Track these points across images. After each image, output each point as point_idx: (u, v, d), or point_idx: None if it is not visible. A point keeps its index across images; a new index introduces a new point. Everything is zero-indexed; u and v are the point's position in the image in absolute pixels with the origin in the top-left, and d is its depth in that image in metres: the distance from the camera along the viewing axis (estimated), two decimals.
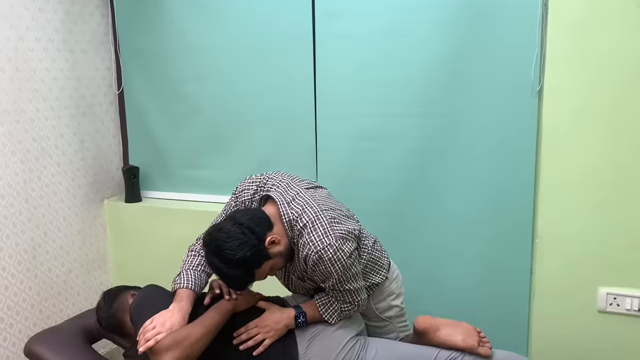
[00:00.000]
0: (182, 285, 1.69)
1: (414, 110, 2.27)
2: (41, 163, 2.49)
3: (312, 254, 1.54)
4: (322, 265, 1.54)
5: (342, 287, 1.61)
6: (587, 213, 2.06)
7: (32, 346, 1.93)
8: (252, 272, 1.54)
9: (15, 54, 2.34)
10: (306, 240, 1.55)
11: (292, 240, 1.60)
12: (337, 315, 1.67)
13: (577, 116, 2.03)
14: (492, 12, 2.11)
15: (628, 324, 2.07)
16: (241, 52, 2.56)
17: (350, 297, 1.65)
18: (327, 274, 1.56)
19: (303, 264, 1.60)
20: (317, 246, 1.53)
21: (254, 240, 1.51)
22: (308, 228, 1.55)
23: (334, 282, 1.58)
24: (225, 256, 1.50)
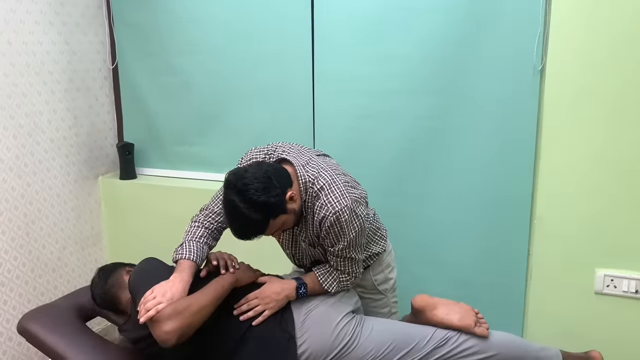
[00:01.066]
0: (184, 256, 1.68)
1: (414, 87, 2.24)
2: (34, 139, 2.45)
3: (329, 215, 1.55)
4: (338, 227, 1.56)
5: (348, 254, 1.63)
6: (585, 195, 2.05)
7: (25, 323, 1.91)
8: (268, 220, 1.52)
9: (6, 26, 2.29)
10: (323, 202, 1.56)
11: (305, 203, 1.61)
12: (336, 284, 1.68)
13: (578, 97, 2.00)
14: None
15: (624, 306, 2.07)
16: (237, 26, 2.51)
17: (350, 267, 1.67)
18: (341, 236, 1.57)
19: (317, 227, 1.60)
20: (334, 207, 1.55)
21: (277, 190, 1.51)
22: (325, 190, 1.57)
23: (344, 246, 1.59)
24: (248, 196, 1.47)
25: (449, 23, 2.15)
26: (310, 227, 1.64)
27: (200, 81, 2.63)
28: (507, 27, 2.08)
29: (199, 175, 2.76)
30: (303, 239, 1.73)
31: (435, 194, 2.30)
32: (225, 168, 2.64)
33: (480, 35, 2.12)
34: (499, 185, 2.20)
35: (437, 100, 2.23)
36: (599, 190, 2.03)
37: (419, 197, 2.33)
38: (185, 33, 2.61)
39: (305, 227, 1.67)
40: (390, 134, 2.31)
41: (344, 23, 2.29)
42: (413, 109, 2.26)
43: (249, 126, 2.59)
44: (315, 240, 1.68)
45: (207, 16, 2.55)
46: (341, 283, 1.70)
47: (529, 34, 2.04)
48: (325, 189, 1.57)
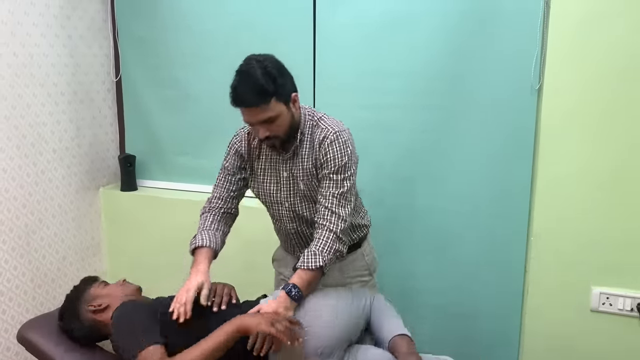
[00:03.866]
0: (197, 244, 1.78)
1: (412, 104, 2.27)
2: (37, 149, 2.48)
3: (330, 134, 1.70)
4: (337, 145, 1.69)
5: (344, 179, 1.69)
6: (582, 212, 2.07)
7: (25, 332, 1.92)
8: (272, 95, 1.59)
9: (12, 38, 2.32)
10: (324, 126, 1.73)
11: (303, 130, 1.74)
12: (325, 254, 1.64)
13: (575, 115, 2.03)
14: (494, 9, 2.10)
15: (620, 324, 2.08)
16: (241, 40, 2.54)
17: (343, 207, 1.67)
18: (341, 154, 1.69)
19: (317, 149, 1.71)
20: (334, 128, 1.72)
21: (289, 80, 1.67)
22: (325, 118, 1.76)
23: (343, 165, 1.68)
24: (266, 65, 1.61)
25: (448, 40, 2.19)
26: (306, 153, 1.73)
27: (202, 94, 2.66)
28: (505, 47, 2.11)
29: (199, 188, 2.78)
30: (301, 178, 1.75)
31: (432, 210, 2.32)
32: None
33: (479, 55, 2.15)
34: (496, 201, 2.22)
35: (436, 117, 2.25)
36: (595, 208, 2.05)
37: (415, 212, 2.35)
38: (188, 46, 2.65)
39: (299, 156, 1.74)
40: (387, 148, 2.33)
41: (345, 38, 2.32)
42: (411, 123, 2.29)
43: None
44: (308, 171, 1.73)
45: (209, 30, 2.59)
46: (327, 247, 1.64)
47: (527, 54, 2.07)
48: (325, 118, 1.76)
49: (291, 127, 1.69)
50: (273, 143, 1.72)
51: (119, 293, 1.82)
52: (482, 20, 2.13)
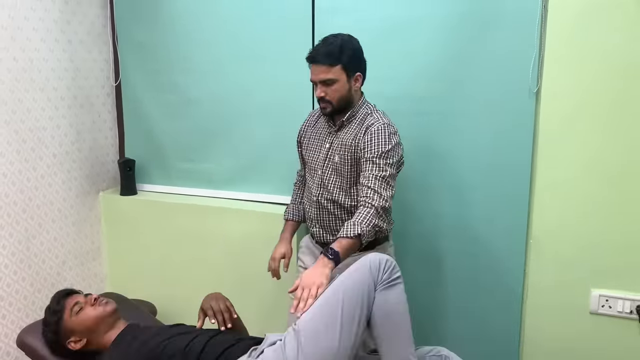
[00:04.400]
0: (284, 217, 2.22)
1: (411, 109, 2.28)
2: (37, 154, 2.48)
3: (378, 122, 1.88)
4: (384, 133, 1.85)
5: (386, 163, 1.82)
6: (581, 215, 2.08)
7: (24, 337, 1.93)
8: (342, 60, 1.85)
9: (12, 43, 2.33)
10: (377, 116, 1.92)
11: (356, 111, 1.95)
12: (363, 226, 1.73)
13: (573, 118, 2.04)
14: (492, 13, 2.11)
15: (619, 326, 2.08)
16: (240, 45, 2.55)
17: (383, 188, 1.79)
18: (385, 140, 1.84)
19: (363, 131, 1.88)
20: (385, 120, 1.90)
21: (363, 62, 1.93)
22: (381, 113, 1.95)
23: (386, 151, 1.82)
24: (347, 39, 1.88)
25: (446, 45, 2.20)
26: (352, 131, 1.92)
27: (201, 99, 2.67)
28: (503, 50, 2.12)
29: (199, 192, 2.79)
30: (331, 146, 1.97)
31: (432, 214, 2.33)
32: (225, 185, 2.71)
33: (477, 59, 2.16)
34: (495, 205, 2.23)
35: (434, 121, 2.26)
36: (594, 211, 2.06)
37: (414, 216, 2.35)
38: (187, 51, 2.66)
39: (343, 131, 1.95)
40: None
41: None
42: (409, 130, 2.28)
43: (250, 144, 2.62)
44: (347, 146, 1.91)
45: (209, 35, 2.60)
46: (364, 222, 1.73)
47: (525, 57, 2.08)
48: (380, 113, 1.95)
49: (345, 99, 1.91)
50: (326, 107, 1.92)
51: (93, 325, 1.78)
52: (479, 24, 2.14)
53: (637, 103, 1.95)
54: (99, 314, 1.79)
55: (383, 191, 1.80)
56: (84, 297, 1.85)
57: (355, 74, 1.90)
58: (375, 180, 1.80)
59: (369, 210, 1.77)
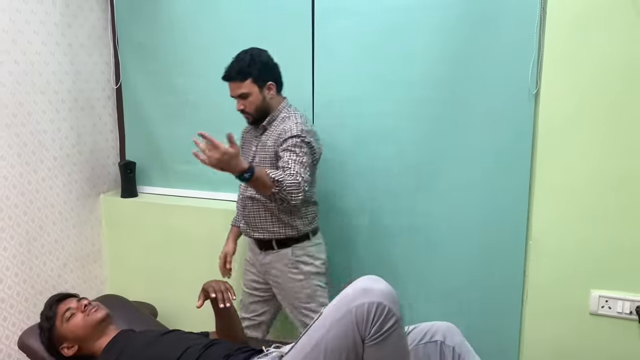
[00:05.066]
0: (231, 223, 2.42)
1: (410, 112, 2.29)
2: (38, 157, 2.49)
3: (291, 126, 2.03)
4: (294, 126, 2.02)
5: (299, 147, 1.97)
6: (581, 216, 2.08)
7: (26, 339, 1.94)
8: (249, 75, 2.04)
9: (13, 46, 2.34)
10: (292, 120, 2.07)
11: (276, 114, 2.12)
12: (282, 177, 1.85)
13: (572, 120, 2.04)
14: (491, 15, 2.12)
15: (619, 327, 2.09)
16: (240, 48, 2.54)
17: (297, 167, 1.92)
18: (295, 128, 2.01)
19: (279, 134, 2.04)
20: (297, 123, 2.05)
21: (273, 71, 2.11)
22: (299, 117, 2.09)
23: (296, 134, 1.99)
24: (255, 53, 2.08)
25: (444, 48, 2.20)
26: (271, 134, 2.09)
27: (202, 101, 2.68)
28: (503, 52, 2.13)
29: (199, 194, 2.79)
30: (256, 148, 2.15)
31: (431, 214, 2.33)
32: (225, 187, 2.71)
33: (476, 61, 2.17)
34: (495, 206, 2.23)
35: (433, 122, 2.27)
36: (593, 211, 2.06)
37: (414, 217, 2.36)
38: (187, 54, 2.67)
39: (265, 135, 2.12)
40: (386, 155, 2.35)
41: (343, 48, 2.34)
42: (408, 131, 2.30)
43: None
44: (267, 149, 2.08)
45: (209, 37, 2.61)
46: (287, 180, 1.85)
47: (524, 59, 2.09)
48: (297, 116, 2.10)
49: (262, 108, 2.10)
50: (247, 117, 2.15)
51: (83, 332, 1.78)
52: (479, 25, 2.14)
53: (636, 104, 1.95)
54: (89, 322, 1.79)
55: (300, 169, 1.92)
56: (76, 302, 1.84)
57: (267, 84, 2.08)
58: (294, 164, 1.94)
59: (293, 179, 1.87)
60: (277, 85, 2.13)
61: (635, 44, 1.92)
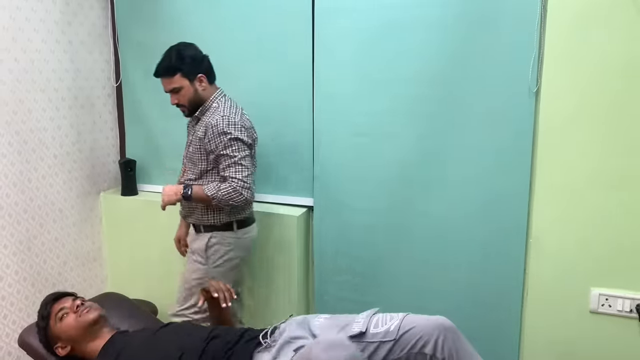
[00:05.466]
0: None
1: (409, 109, 2.28)
2: (38, 154, 2.49)
3: (216, 117, 2.12)
4: (221, 127, 2.09)
5: (233, 152, 2.08)
6: (581, 214, 2.08)
7: (26, 337, 1.93)
8: (178, 70, 2.14)
9: (13, 44, 2.34)
10: (219, 111, 2.15)
11: (208, 104, 2.21)
12: (215, 191, 2.09)
13: (573, 118, 2.04)
14: (491, 12, 2.12)
15: (619, 325, 2.09)
16: (240, 46, 2.56)
17: (235, 172, 2.08)
18: (223, 132, 2.08)
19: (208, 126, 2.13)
20: (222, 114, 2.13)
21: (201, 63, 2.19)
22: (226, 105, 2.19)
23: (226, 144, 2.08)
24: (181, 48, 2.18)
25: (444, 45, 2.20)
26: (203, 125, 2.16)
27: None
28: (503, 49, 2.12)
29: None
30: (191, 138, 2.25)
31: (431, 212, 2.33)
32: None
33: (477, 59, 2.16)
34: (495, 204, 2.23)
35: (434, 121, 2.26)
36: (593, 210, 2.06)
37: (414, 215, 2.36)
38: None
39: (198, 125, 2.20)
40: (387, 152, 2.34)
41: (343, 46, 2.34)
42: (408, 128, 2.29)
43: None
44: (197, 139, 2.17)
45: (209, 36, 2.60)
46: (220, 191, 2.08)
47: (525, 56, 2.08)
48: (227, 105, 2.18)
49: (195, 100, 2.19)
50: (183, 110, 2.24)
51: (75, 332, 1.78)
52: (479, 23, 2.14)
53: (637, 102, 1.95)
54: (80, 323, 1.77)
55: (238, 174, 2.08)
56: (71, 302, 1.83)
57: (197, 76, 2.16)
58: (229, 168, 2.09)
59: (228, 187, 2.08)
60: (209, 77, 2.21)
61: (635, 42, 1.92)
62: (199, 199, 2.15)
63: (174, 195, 2.18)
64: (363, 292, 2.47)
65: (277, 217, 2.53)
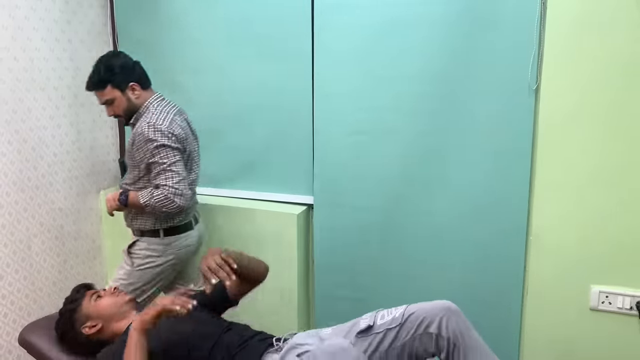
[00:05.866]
0: None
1: (410, 107, 2.28)
2: (38, 153, 2.49)
3: (141, 126, 2.10)
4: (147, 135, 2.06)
5: (162, 159, 2.06)
6: (581, 211, 2.08)
7: (26, 335, 1.93)
8: (108, 82, 2.13)
9: (13, 43, 2.34)
10: (146, 118, 2.12)
11: (143, 110, 2.19)
12: (148, 197, 2.07)
13: (573, 116, 2.04)
14: (491, 10, 2.11)
15: (619, 323, 2.09)
16: (239, 45, 2.56)
17: (165, 179, 2.06)
18: (149, 139, 2.06)
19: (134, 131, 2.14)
20: (148, 121, 2.10)
21: (130, 72, 2.17)
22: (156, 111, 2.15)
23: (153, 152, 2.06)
24: (107, 59, 2.17)
25: (445, 42, 2.20)
26: (135, 131, 2.14)
27: (201, 99, 2.68)
28: (502, 47, 2.12)
29: (198, 190, 2.77)
30: (128, 149, 2.21)
31: (431, 210, 2.33)
32: (225, 184, 2.71)
33: (476, 57, 2.16)
34: (495, 202, 2.23)
35: (434, 119, 2.26)
36: (594, 207, 2.06)
37: (414, 212, 2.36)
38: (188, 52, 2.66)
39: (132, 134, 2.16)
40: (387, 150, 2.34)
41: (343, 43, 2.33)
42: (408, 126, 2.29)
43: (251, 142, 2.63)
44: (129, 145, 2.15)
45: (208, 34, 2.60)
46: (153, 198, 2.07)
47: (524, 54, 2.08)
48: (156, 111, 2.15)
49: (130, 109, 2.19)
50: (121, 120, 2.27)
51: (109, 310, 1.82)
52: (479, 20, 2.13)
53: (637, 101, 1.95)
54: (117, 301, 1.84)
55: (169, 181, 2.06)
56: (103, 291, 1.91)
57: (129, 85, 2.15)
58: (159, 175, 2.07)
59: (160, 193, 2.06)
60: (142, 83, 2.19)
61: (636, 40, 1.92)
62: (135, 205, 2.15)
63: (114, 202, 2.19)
64: (363, 291, 2.48)
65: (277, 215, 2.53)
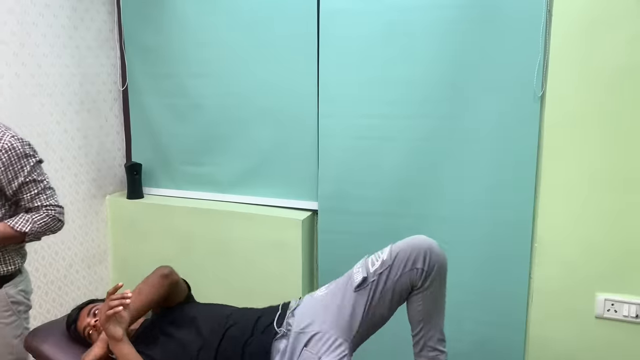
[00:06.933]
0: None
1: (414, 113, 2.28)
2: (44, 158, 2.47)
3: (7, 138, 1.71)
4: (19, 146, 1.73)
5: (38, 177, 1.77)
6: (586, 218, 2.07)
7: (32, 340, 1.94)
8: None
9: (21, 49, 2.36)
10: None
11: None
12: (30, 225, 1.74)
13: (578, 122, 2.04)
14: (496, 16, 2.12)
15: (625, 331, 2.08)
16: (245, 49, 2.57)
17: (46, 199, 1.77)
18: (24, 160, 1.74)
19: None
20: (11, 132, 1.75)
21: None
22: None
23: (31, 168, 1.75)
24: None
25: (451, 50, 2.20)
26: None
27: (207, 103, 2.69)
28: (508, 54, 2.12)
29: (205, 196, 2.80)
30: None
31: (435, 216, 2.33)
32: (232, 189, 2.73)
33: (482, 63, 2.16)
34: (500, 208, 2.22)
35: (440, 124, 2.26)
36: (599, 214, 2.06)
37: (418, 219, 2.35)
38: (194, 56, 2.68)
39: None
40: (393, 156, 2.34)
41: (349, 48, 2.34)
42: (413, 131, 2.29)
43: (256, 147, 2.64)
44: None
45: (216, 40, 2.62)
46: (36, 223, 1.75)
47: (530, 61, 2.08)
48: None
49: None
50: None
51: None
52: (485, 26, 2.14)
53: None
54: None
55: (51, 199, 1.81)
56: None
57: None
58: (40, 195, 1.78)
59: (45, 215, 1.78)
60: None
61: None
62: (4, 239, 1.72)
63: None
64: None
65: (281, 221, 2.54)
